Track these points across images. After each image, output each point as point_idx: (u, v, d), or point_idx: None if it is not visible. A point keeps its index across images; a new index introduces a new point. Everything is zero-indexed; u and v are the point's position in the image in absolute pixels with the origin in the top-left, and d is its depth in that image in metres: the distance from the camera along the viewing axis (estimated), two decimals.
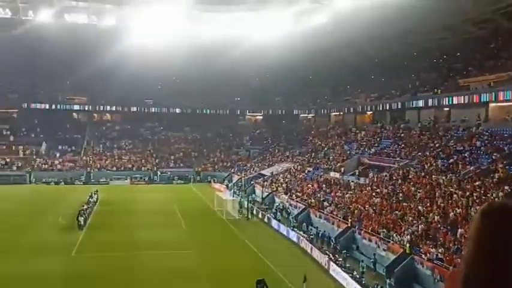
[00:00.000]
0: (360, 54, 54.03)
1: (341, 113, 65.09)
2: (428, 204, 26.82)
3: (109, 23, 44.16)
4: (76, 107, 73.98)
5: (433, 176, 30.65)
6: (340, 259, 24.81)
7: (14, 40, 47.81)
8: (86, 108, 74.19)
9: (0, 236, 28.49)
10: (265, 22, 44.49)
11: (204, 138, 73.42)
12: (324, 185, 40.12)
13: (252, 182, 52.17)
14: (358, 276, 22.09)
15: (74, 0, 43.38)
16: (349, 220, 29.30)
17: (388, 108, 52.11)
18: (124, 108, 74.56)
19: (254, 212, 38.91)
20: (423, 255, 21.76)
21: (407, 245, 22.93)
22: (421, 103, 45.21)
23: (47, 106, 70.47)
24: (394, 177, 34.07)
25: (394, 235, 24.71)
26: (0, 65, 61.54)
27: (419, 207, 26.65)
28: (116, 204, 42.47)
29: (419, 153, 37.12)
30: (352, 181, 38.47)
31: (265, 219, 36.48)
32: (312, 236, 29.78)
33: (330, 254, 25.35)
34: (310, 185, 41.41)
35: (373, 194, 32.59)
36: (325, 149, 53.98)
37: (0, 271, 21.61)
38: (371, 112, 57.38)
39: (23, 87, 73.01)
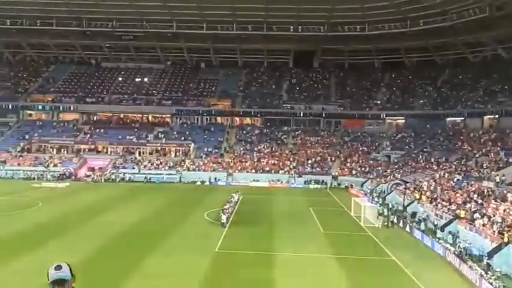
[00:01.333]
0: None
1: (496, 116, 58.80)
2: None
3: None
4: (219, 112, 78.82)
5: None
6: (494, 277, 22.14)
7: None
8: (229, 113, 78.45)
9: (154, 228, 31.53)
10: None
11: (342, 143, 72.35)
12: (475, 195, 36.40)
13: (392, 189, 49.74)
14: None
15: None
16: (506, 235, 26.03)
17: None
18: (263, 113, 77.32)
19: (395, 220, 36.95)
20: None
21: None
22: None
23: (200, 110, 76.86)
24: None
25: None
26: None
27: None
28: (255, 205, 44.02)
29: None
30: (510, 192, 34.26)
31: (407, 229, 34.37)
32: (460, 250, 27.16)
33: (482, 271, 22.77)
34: (458, 195, 37.94)
35: None
36: (477, 155, 49.17)
37: (153, 262, 23.70)
38: None
39: (175, 94, 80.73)
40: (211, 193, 51.03)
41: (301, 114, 76.62)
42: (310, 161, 66.12)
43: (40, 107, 77.95)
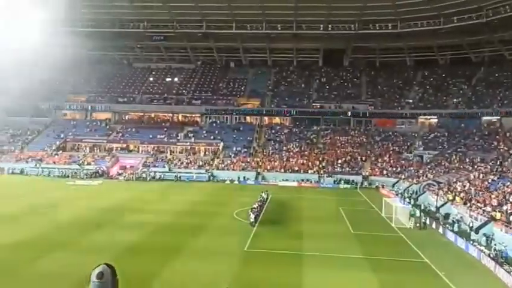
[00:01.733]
0: None
1: None
2: None
3: None
4: (249, 111, 78.99)
5: None
6: None
7: None
8: (258, 112, 78.54)
9: (184, 226, 31.87)
10: None
11: (372, 142, 71.30)
12: (511, 197, 35.25)
13: (424, 190, 48.72)
14: None
15: None
16: None
17: None
18: (292, 112, 77.01)
19: (427, 221, 36.17)
20: None
21: None
22: None
23: (229, 110, 77.58)
24: None
25: None
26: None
27: None
28: (284, 204, 43.87)
29: None
30: None
31: (440, 230, 33.59)
32: (495, 252, 26.34)
33: None
34: (494, 196, 36.82)
35: None
36: None
37: (182, 260, 23.93)
38: None
39: (205, 94, 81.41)
40: (240, 192, 51.21)
41: (331, 114, 75.97)
42: (340, 161, 65.43)
43: (74, 106, 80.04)
